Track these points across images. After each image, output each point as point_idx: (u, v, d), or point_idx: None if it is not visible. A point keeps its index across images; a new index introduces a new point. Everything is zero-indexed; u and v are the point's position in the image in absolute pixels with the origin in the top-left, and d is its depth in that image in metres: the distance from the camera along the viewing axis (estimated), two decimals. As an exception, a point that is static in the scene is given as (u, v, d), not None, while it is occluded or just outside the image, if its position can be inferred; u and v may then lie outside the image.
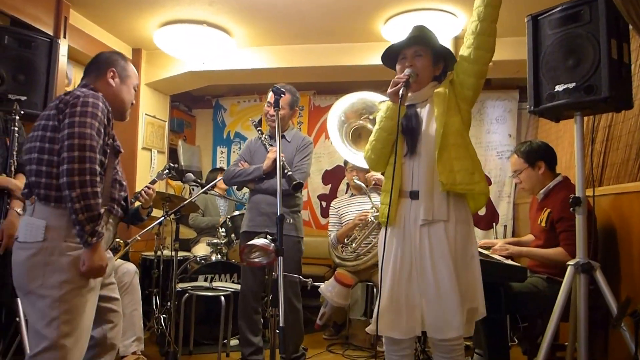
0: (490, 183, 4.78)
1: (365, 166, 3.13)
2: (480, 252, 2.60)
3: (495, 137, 4.82)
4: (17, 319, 2.42)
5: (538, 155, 2.65)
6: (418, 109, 2.00)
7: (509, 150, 4.74)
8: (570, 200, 2.04)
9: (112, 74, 1.94)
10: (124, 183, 1.95)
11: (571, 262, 2.04)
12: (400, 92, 1.85)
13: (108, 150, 1.81)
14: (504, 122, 4.80)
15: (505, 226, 4.67)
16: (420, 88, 1.98)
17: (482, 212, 4.78)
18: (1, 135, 2.34)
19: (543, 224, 2.59)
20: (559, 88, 2.01)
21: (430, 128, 1.93)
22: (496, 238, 4.51)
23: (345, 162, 3.85)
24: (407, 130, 1.95)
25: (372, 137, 2.05)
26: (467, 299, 1.87)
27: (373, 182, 3.63)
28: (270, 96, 2.92)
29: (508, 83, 4.70)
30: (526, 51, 2.15)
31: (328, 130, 2.99)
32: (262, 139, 3.04)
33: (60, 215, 1.70)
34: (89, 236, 1.66)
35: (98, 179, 1.69)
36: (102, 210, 1.70)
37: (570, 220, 2.43)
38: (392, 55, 2.05)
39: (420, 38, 1.96)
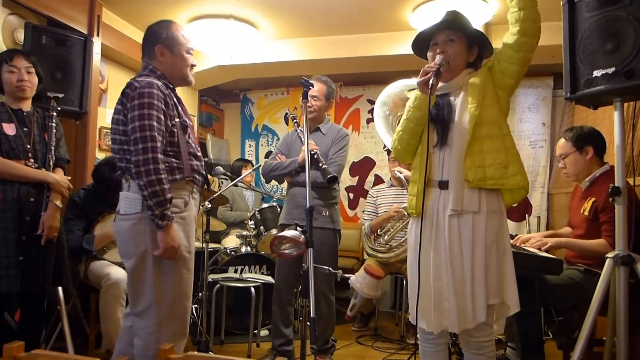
0: (522, 173, 4.67)
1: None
2: (513, 245, 2.55)
3: (528, 126, 4.70)
4: (58, 307, 2.52)
5: (587, 140, 2.54)
6: (451, 98, 1.91)
7: (542, 140, 4.63)
8: (610, 189, 1.97)
9: (160, 50, 2.02)
10: (198, 154, 2.10)
11: (610, 255, 1.98)
12: (430, 81, 1.77)
13: (175, 129, 1.97)
14: (537, 110, 4.68)
15: (538, 217, 4.56)
16: (454, 76, 1.90)
17: (514, 203, 4.67)
18: (40, 131, 2.41)
19: (586, 213, 2.50)
20: (597, 73, 1.94)
21: (463, 118, 1.85)
22: (529, 230, 4.41)
23: (388, 152, 3.81)
24: (438, 120, 1.88)
25: (399, 128, 1.99)
26: (493, 293, 1.80)
27: (396, 175, 3.59)
28: (313, 89, 2.91)
29: (541, 69, 4.56)
30: (561, 36, 2.09)
31: (374, 120, 2.98)
32: (298, 131, 3.04)
33: None
34: (159, 219, 1.83)
35: (161, 166, 1.85)
36: (169, 196, 1.86)
37: (614, 211, 2.36)
38: (422, 42, 1.97)
39: (453, 22, 1.87)
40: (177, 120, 1.99)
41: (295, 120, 3.09)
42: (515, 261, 1.89)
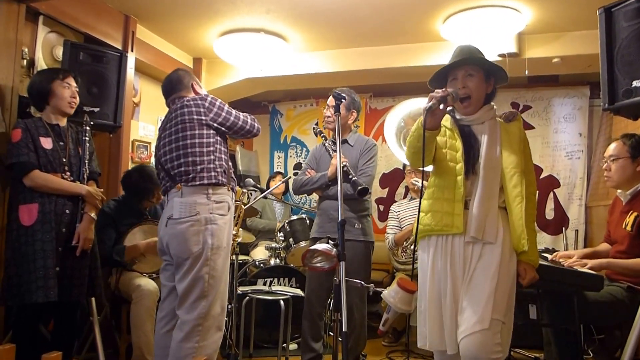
0: (558, 185, 4.56)
1: (426, 169, 3.04)
2: (552, 260, 2.47)
3: (564, 136, 4.58)
4: (91, 318, 2.56)
5: None
6: (474, 130, 1.93)
7: (579, 150, 4.50)
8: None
9: (197, 85, 2.47)
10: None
11: (654, 271, 1.89)
12: (430, 104, 1.75)
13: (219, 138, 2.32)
14: (573, 120, 4.55)
15: (576, 231, 4.41)
16: (476, 109, 1.93)
17: (550, 215, 4.55)
18: (75, 145, 2.47)
19: (628, 228, 2.40)
20: (636, 83, 1.89)
21: (491, 152, 1.86)
22: (566, 244, 4.27)
23: (404, 165, 3.81)
24: (467, 149, 1.89)
25: (408, 138, 1.99)
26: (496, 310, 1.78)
27: (414, 187, 3.61)
28: (330, 100, 2.92)
29: (577, 79, 4.44)
30: (597, 45, 2.03)
31: (385, 133, 2.95)
32: (326, 144, 3.04)
33: (203, 193, 2.15)
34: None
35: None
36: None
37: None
38: (440, 78, 1.99)
39: (471, 59, 1.91)
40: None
41: (322, 135, 3.08)
42: (554, 277, 1.85)
